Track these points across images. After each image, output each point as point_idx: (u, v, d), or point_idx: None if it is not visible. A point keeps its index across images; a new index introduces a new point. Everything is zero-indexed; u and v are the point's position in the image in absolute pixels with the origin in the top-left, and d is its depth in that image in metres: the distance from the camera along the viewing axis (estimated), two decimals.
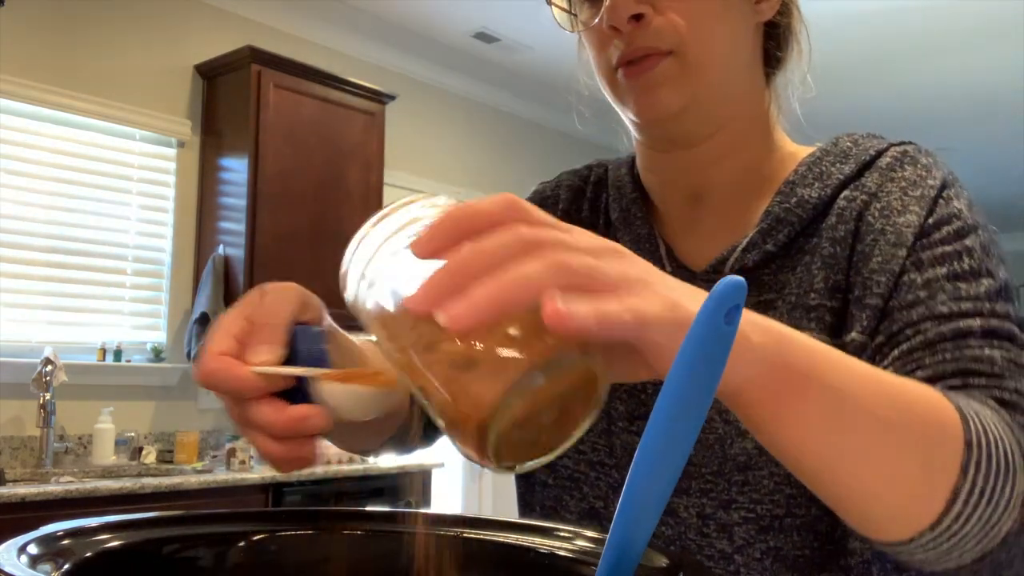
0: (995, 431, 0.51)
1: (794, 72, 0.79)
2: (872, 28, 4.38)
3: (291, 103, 3.76)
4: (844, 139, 0.76)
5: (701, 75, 0.71)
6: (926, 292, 0.62)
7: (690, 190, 0.78)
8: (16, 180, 3.35)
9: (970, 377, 0.57)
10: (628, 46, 0.71)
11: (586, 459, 0.77)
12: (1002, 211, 7.56)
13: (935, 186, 0.68)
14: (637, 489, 0.37)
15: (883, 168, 0.71)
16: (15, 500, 2.56)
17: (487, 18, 4.45)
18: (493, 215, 0.38)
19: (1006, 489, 0.50)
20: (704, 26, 0.70)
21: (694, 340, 0.36)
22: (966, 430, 0.49)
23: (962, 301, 0.61)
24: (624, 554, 0.39)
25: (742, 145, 0.76)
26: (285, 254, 3.66)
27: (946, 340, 0.59)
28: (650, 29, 0.70)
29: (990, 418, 0.52)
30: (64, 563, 0.41)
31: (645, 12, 0.70)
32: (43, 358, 3.14)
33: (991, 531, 0.50)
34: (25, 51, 3.36)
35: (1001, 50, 4.66)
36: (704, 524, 0.70)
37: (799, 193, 0.72)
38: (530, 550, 0.50)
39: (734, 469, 0.68)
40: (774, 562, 0.67)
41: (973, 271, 0.63)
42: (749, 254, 0.72)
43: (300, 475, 3.26)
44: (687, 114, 0.72)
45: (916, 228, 0.66)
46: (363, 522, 0.55)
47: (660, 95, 0.71)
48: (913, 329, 0.61)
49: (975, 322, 0.60)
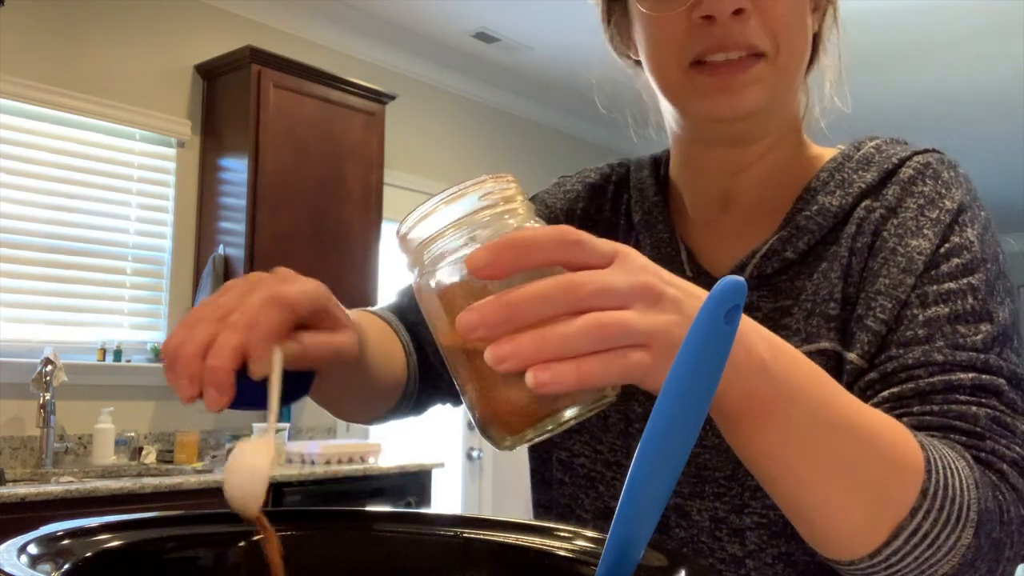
0: (958, 484, 0.54)
1: (824, 75, 0.80)
2: (871, 28, 4.38)
3: (291, 103, 3.76)
4: (867, 144, 0.76)
5: (787, 79, 0.72)
6: (925, 331, 0.63)
7: (722, 191, 0.78)
8: (16, 180, 3.35)
9: (952, 433, 0.59)
10: (725, 39, 0.68)
11: (603, 459, 0.78)
12: (1002, 211, 7.56)
13: (951, 210, 0.68)
14: (637, 489, 0.38)
15: (904, 181, 0.71)
16: (15, 500, 2.56)
17: (487, 18, 4.45)
18: (546, 251, 0.42)
19: (950, 539, 0.53)
20: (795, 30, 0.71)
21: (694, 340, 0.36)
22: (927, 480, 0.53)
23: (958, 351, 0.62)
24: (624, 554, 0.39)
25: (779, 146, 0.77)
26: (285, 254, 3.66)
27: (936, 392, 0.61)
28: (749, 25, 0.68)
29: (961, 471, 0.55)
30: (64, 563, 0.41)
31: (746, 7, 0.68)
32: (43, 358, 3.14)
33: (927, 570, 0.53)
34: (25, 51, 3.35)
35: (1001, 50, 4.66)
36: (717, 528, 0.70)
37: (820, 201, 0.72)
38: (530, 550, 0.50)
39: (747, 474, 0.68)
40: (785, 567, 0.68)
41: (975, 313, 0.64)
42: (769, 261, 0.72)
43: (300, 475, 3.26)
44: (761, 115, 0.72)
45: (927, 256, 0.66)
46: (363, 522, 0.55)
47: (747, 95, 0.70)
48: (907, 374, 0.63)
49: (966, 376, 0.61)
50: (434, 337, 0.47)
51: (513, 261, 0.41)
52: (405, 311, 0.85)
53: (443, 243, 0.45)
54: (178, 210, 3.80)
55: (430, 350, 0.84)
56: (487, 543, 0.52)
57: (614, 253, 0.44)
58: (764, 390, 0.47)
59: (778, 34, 0.69)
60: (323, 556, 0.53)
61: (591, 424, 0.79)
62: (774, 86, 0.71)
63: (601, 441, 0.78)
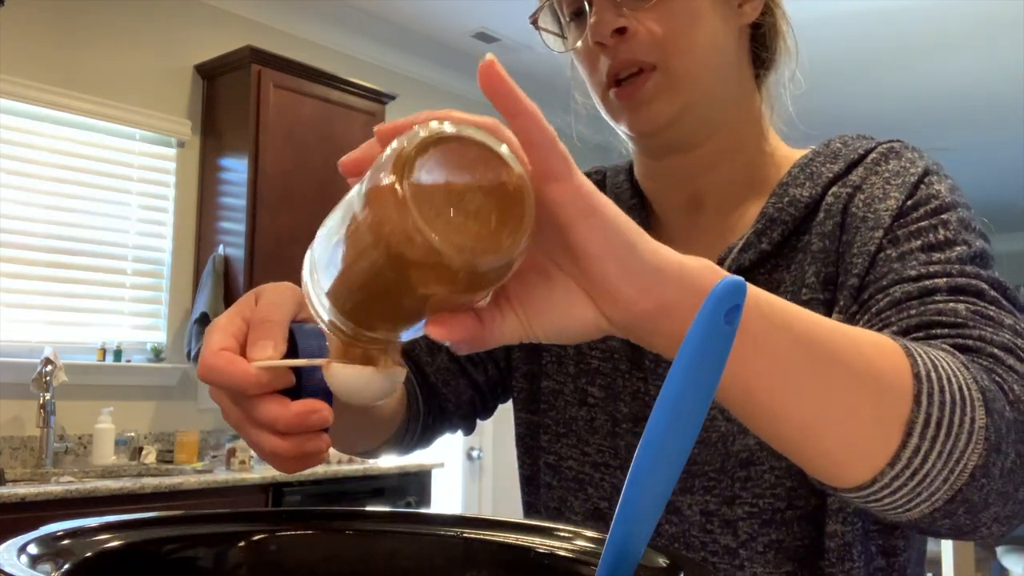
0: (947, 368, 0.50)
1: (783, 72, 0.80)
2: (869, 28, 4.38)
3: (291, 103, 3.76)
4: (835, 141, 0.77)
5: (689, 84, 0.73)
6: (900, 264, 0.63)
7: (688, 195, 0.79)
8: (16, 180, 3.35)
9: (934, 328, 0.57)
10: (615, 60, 0.73)
11: (591, 460, 0.78)
12: (1001, 211, 7.55)
13: (917, 172, 0.69)
14: (637, 488, 0.38)
15: (869, 164, 0.72)
16: (15, 500, 2.56)
17: (487, 18, 4.45)
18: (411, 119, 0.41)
19: (964, 421, 0.49)
20: (684, 34, 0.72)
21: (694, 340, 0.36)
22: (913, 364, 0.49)
23: (932, 265, 0.61)
24: (624, 554, 0.39)
25: (736, 148, 0.78)
26: (285, 254, 3.66)
27: (912, 299, 0.60)
28: (634, 42, 0.72)
29: (942, 358, 0.51)
30: (64, 563, 0.41)
31: (628, 25, 0.72)
32: (43, 358, 3.14)
33: (955, 466, 0.48)
34: (25, 51, 3.35)
35: (999, 50, 4.66)
36: (708, 521, 0.71)
37: (791, 193, 0.73)
38: (530, 550, 0.50)
39: (737, 465, 0.70)
40: (776, 554, 0.69)
41: (948, 240, 0.63)
42: (745, 254, 0.73)
43: (300, 475, 3.26)
44: (679, 123, 0.74)
45: (895, 211, 0.67)
46: (363, 522, 0.55)
47: (651, 110, 0.73)
48: (883, 293, 0.62)
49: (941, 281, 0.60)
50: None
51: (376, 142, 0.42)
52: None
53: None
54: (178, 210, 3.80)
55: (430, 369, 0.84)
56: (487, 543, 0.52)
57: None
58: (747, 322, 0.44)
59: (664, 44, 0.71)
60: (323, 556, 0.53)
61: (578, 427, 0.80)
62: (679, 94, 0.72)
63: (588, 443, 0.79)
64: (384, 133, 0.41)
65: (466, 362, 0.86)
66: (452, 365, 0.85)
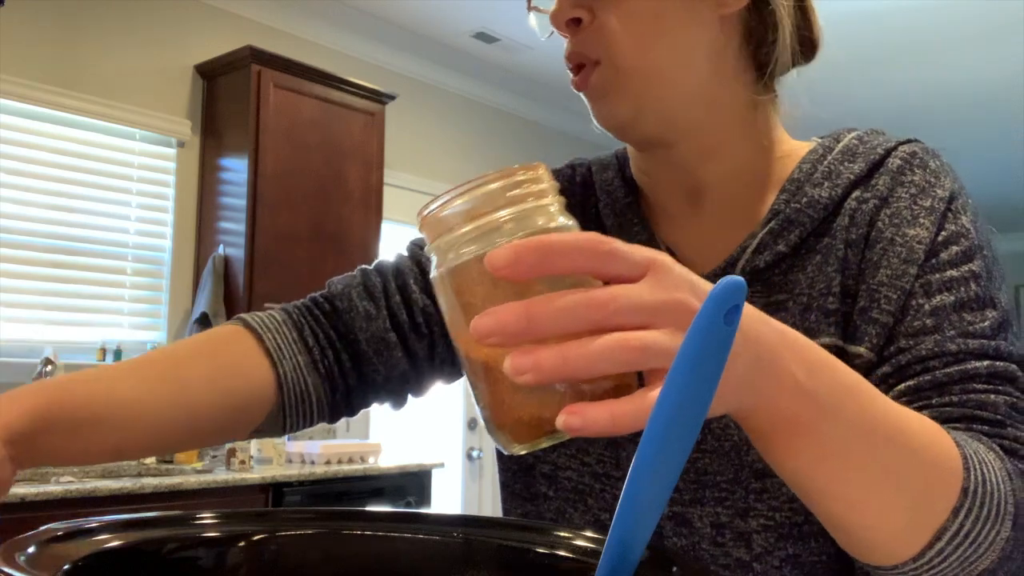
0: (995, 479, 0.54)
1: (788, 63, 0.74)
2: (869, 28, 4.38)
3: (291, 103, 3.76)
4: (847, 135, 0.75)
5: (640, 82, 0.68)
6: (933, 321, 0.64)
7: (687, 187, 0.76)
8: (16, 180, 3.35)
9: (974, 423, 0.60)
10: (567, 50, 0.71)
11: (591, 471, 0.76)
12: (1001, 211, 7.55)
13: (944, 198, 0.68)
14: (637, 489, 0.38)
15: (893, 171, 0.70)
16: (15, 500, 2.56)
17: (487, 18, 4.44)
18: (573, 259, 0.40)
19: (991, 534, 0.53)
20: (637, 31, 0.67)
21: (693, 341, 0.36)
22: (966, 477, 0.52)
23: (969, 339, 0.63)
24: (624, 554, 0.39)
25: (726, 144, 0.74)
26: (285, 254, 3.66)
27: (954, 383, 0.61)
28: (582, 35, 0.69)
29: (993, 464, 0.55)
30: (64, 563, 0.41)
31: (581, 16, 0.69)
32: (43, 358, 3.14)
33: (968, 567, 0.53)
34: (25, 51, 3.35)
35: (999, 50, 4.66)
36: (719, 533, 0.69)
37: (809, 193, 0.71)
38: (530, 550, 0.50)
39: (751, 476, 0.68)
40: (793, 569, 0.67)
41: (979, 300, 0.64)
42: (760, 255, 0.71)
43: (300, 475, 3.26)
44: (641, 121, 0.70)
45: (927, 246, 0.66)
46: (363, 522, 0.55)
47: (607, 105, 0.70)
48: (922, 366, 0.63)
49: (981, 365, 0.62)
50: (448, 330, 0.44)
51: (536, 265, 0.39)
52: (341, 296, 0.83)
53: (463, 235, 0.42)
54: (178, 210, 3.80)
55: (363, 336, 0.80)
56: (487, 543, 0.52)
57: (648, 264, 0.41)
58: (797, 411, 0.46)
59: (614, 39, 0.67)
60: (323, 556, 0.53)
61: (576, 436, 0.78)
62: (630, 92, 0.69)
63: (588, 453, 0.76)
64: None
65: (410, 330, 0.81)
66: (389, 335, 0.81)
